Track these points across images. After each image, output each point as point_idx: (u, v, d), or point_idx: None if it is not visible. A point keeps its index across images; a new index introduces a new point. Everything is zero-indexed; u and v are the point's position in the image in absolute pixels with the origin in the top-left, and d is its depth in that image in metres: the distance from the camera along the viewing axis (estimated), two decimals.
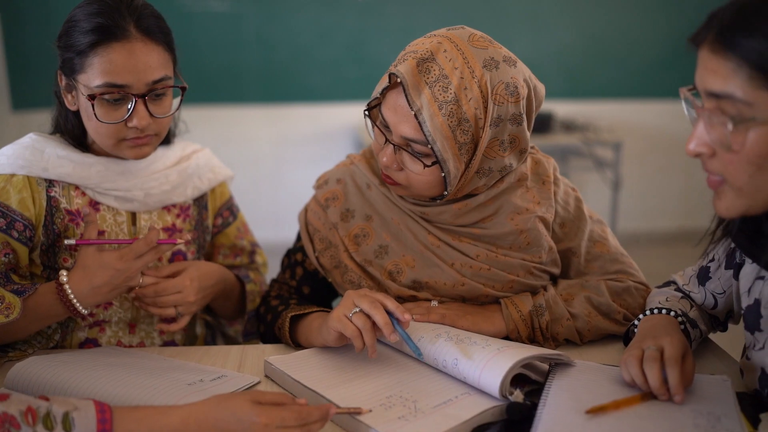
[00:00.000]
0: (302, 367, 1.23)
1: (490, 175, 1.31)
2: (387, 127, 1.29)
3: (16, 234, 1.36)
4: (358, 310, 1.19)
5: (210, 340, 1.67)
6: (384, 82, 1.27)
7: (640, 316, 1.26)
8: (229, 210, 1.66)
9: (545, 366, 1.18)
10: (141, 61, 1.31)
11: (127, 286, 1.33)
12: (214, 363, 1.33)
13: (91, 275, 1.30)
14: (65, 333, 1.44)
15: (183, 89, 1.41)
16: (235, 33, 4.64)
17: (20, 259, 1.38)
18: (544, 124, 4.48)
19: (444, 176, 1.26)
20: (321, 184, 1.50)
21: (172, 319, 1.44)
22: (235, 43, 4.65)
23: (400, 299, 1.37)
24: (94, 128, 1.37)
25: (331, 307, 1.53)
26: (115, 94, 1.32)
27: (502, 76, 1.24)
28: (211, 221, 1.62)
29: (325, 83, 4.74)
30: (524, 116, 1.28)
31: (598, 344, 1.36)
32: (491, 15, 4.77)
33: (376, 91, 1.29)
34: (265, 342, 1.48)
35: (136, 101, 1.33)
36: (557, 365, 1.18)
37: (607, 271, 1.41)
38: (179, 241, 1.36)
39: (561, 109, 4.82)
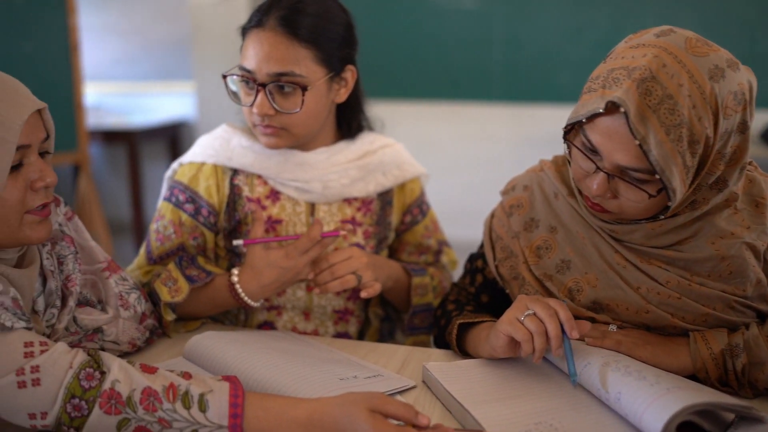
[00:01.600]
0: (458, 378, 1.18)
1: (699, 192, 1.16)
2: (593, 151, 1.14)
3: (202, 219, 1.47)
4: (531, 312, 1.13)
5: (386, 334, 1.66)
6: (592, 104, 1.10)
7: None
8: (419, 208, 1.64)
9: (728, 417, 1.02)
10: (265, 50, 1.35)
11: (296, 281, 1.37)
12: (377, 361, 1.32)
13: (259, 274, 1.36)
14: (247, 314, 1.51)
15: (303, 88, 1.37)
16: (483, 31, 4.63)
17: (207, 242, 1.49)
18: None
19: (669, 204, 1.12)
20: (508, 189, 1.42)
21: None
22: (483, 40, 4.64)
23: (576, 318, 1.26)
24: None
25: None
26: (243, 78, 1.39)
27: (730, 84, 1.08)
28: (395, 218, 1.60)
29: (574, 84, 4.57)
30: (749, 122, 1.12)
31: None
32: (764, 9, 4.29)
33: (580, 114, 1.13)
34: (438, 346, 1.45)
35: (257, 88, 1.37)
36: (743, 419, 1.01)
37: None
38: (342, 232, 1.38)
39: None
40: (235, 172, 1.49)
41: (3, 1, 3.59)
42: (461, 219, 3.53)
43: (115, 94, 5.26)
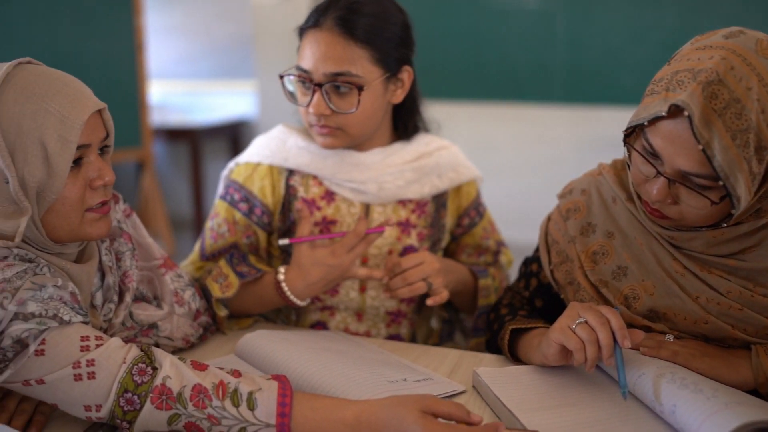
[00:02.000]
0: (508, 384, 1.16)
1: (765, 200, 1.11)
2: (654, 155, 1.11)
3: (255, 218, 1.49)
4: (583, 320, 1.11)
5: (446, 336, 1.65)
6: (655, 107, 1.07)
7: None
8: (476, 210, 1.62)
9: None
10: (322, 50, 1.35)
11: (342, 278, 1.38)
12: (428, 364, 1.31)
13: (306, 273, 1.36)
14: (299, 314, 1.52)
15: (359, 88, 1.37)
16: (545, 31, 4.57)
17: (260, 241, 1.50)
18: None
19: (732, 212, 1.08)
20: (565, 193, 1.39)
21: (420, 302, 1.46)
22: (544, 41, 4.58)
23: (631, 327, 1.23)
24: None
25: None
26: (300, 78, 1.39)
27: None
28: (450, 220, 1.59)
29: (637, 86, 4.46)
30: None
31: None
32: None
33: (642, 116, 1.10)
34: (489, 350, 1.43)
35: (313, 88, 1.37)
36: None
37: None
38: (386, 228, 1.38)
39: None
40: (291, 172, 1.50)
41: (73, 2, 3.69)
42: (519, 222, 3.50)
43: (179, 92, 5.37)
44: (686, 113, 1.02)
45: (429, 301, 1.39)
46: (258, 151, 1.51)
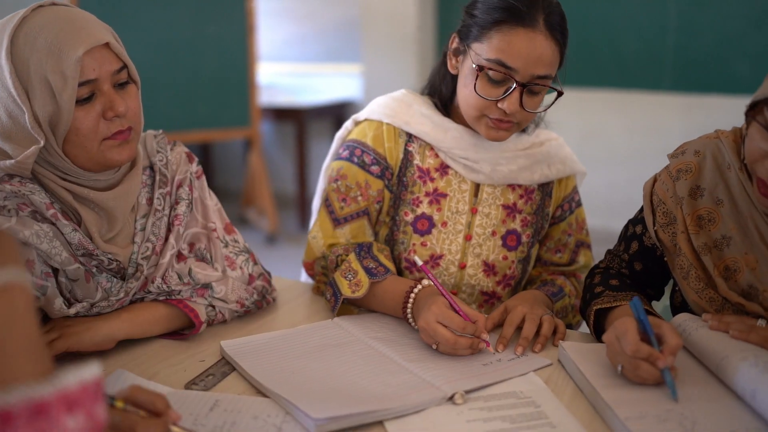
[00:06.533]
0: (593, 360, 1.18)
1: None
2: None
3: (386, 182, 1.51)
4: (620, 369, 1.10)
5: None
6: None
7: None
8: (569, 203, 1.62)
9: None
10: (537, 52, 1.34)
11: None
12: (514, 338, 1.34)
13: (428, 312, 1.24)
14: None
15: (559, 93, 1.41)
16: (656, 15, 4.44)
17: (384, 205, 1.53)
18: None
19: None
20: (677, 153, 1.35)
21: None
22: (655, 26, 4.46)
23: (726, 302, 1.22)
24: (465, 96, 1.43)
25: (662, 290, 1.42)
26: (500, 74, 1.36)
27: None
28: (551, 210, 1.61)
29: (753, 75, 4.30)
30: None
31: None
32: None
33: None
34: (582, 316, 1.43)
35: (515, 87, 1.36)
36: None
37: None
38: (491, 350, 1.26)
39: None
40: (410, 137, 1.52)
41: None
42: (625, 211, 3.45)
43: (288, 74, 5.53)
44: None
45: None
46: (379, 110, 1.53)
